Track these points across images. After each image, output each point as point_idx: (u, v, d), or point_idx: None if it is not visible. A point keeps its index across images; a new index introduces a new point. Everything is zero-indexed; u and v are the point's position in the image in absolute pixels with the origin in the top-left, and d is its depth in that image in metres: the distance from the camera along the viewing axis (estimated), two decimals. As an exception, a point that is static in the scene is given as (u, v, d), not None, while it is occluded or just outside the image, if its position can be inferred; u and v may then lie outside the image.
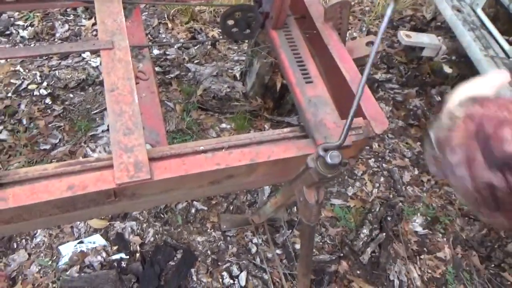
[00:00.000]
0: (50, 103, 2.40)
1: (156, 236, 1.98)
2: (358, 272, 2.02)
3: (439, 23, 3.18)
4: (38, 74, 2.54)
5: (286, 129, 1.15)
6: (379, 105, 1.23)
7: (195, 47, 2.87)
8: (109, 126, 1.06)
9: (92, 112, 2.40)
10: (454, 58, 2.58)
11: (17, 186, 0.94)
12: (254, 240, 2.03)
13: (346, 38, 1.52)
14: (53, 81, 2.52)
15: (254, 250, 2.00)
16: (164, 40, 2.90)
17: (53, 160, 2.14)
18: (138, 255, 1.90)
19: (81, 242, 1.90)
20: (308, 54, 1.34)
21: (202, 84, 2.58)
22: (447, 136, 0.57)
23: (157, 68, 2.65)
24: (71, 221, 1.78)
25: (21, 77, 2.52)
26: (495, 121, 0.51)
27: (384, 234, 2.11)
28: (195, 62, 2.76)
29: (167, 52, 2.80)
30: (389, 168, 2.45)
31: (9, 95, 2.41)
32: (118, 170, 0.96)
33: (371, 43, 1.40)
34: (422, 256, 2.13)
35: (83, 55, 2.70)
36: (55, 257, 1.87)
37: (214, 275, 1.90)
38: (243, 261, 1.96)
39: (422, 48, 2.39)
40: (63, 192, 0.93)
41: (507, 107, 0.52)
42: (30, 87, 2.47)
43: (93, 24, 2.89)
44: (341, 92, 1.28)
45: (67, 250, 1.87)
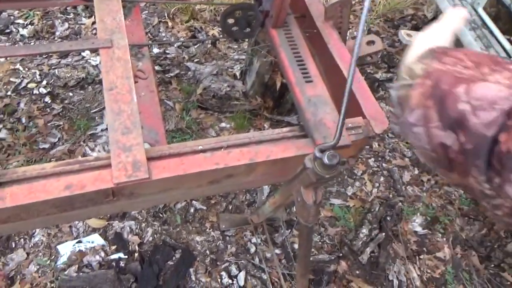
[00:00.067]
0: (49, 101, 2.40)
1: (155, 235, 1.98)
2: (357, 272, 2.02)
3: (440, 23, 3.17)
4: (38, 73, 2.54)
5: (285, 128, 1.14)
6: (379, 104, 1.22)
7: (195, 46, 2.86)
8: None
9: (92, 111, 2.39)
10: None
11: (15, 185, 0.93)
12: (253, 239, 2.03)
13: (347, 37, 1.51)
14: (52, 79, 2.51)
15: (253, 250, 2.00)
16: (164, 38, 2.89)
17: (52, 159, 2.13)
18: (136, 254, 1.90)
19: (79, 242, 1.90)
20: (308, 53, 1.33)
21: (202, 83, 2.58)
22: (406, 94, 0.55)
23: (157, 67, 2.65)
24: (70, 220, 1.78)
25: (20, 75, 2.51)
26: (450, 78, 0.49)
27: (384, 234, 2.11)
28: (195, 61, 2.75)
29: (167, 51, 2.79)
30: (389, 167, 2.44)
31: (8, 93, 2.40)
32: (116, 169, 0.95)
33: (372, 42, 1.39)
34: (422, 256, 2.12)
35: (83, 53, 2.69)
36: (53, 256, 1.86)
37: (212, 275, 1.90)
38: (242, 261, 1.96)
39: (423, 48, 2.38)
40: (60, 191, 0.93)
41: (463, 61, 0.50)
42: (29, 85, 2.47)
43: (93, 23, 2.88)
44: (341, 92, 1.27)
45: (66, 249, 1.87)
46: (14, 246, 1.88)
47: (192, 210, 2.09)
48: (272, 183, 2.12)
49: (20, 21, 2.85)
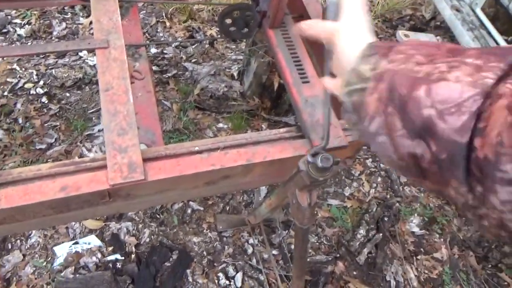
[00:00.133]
0: (46, 102, 2.39)
1: (152, 236, 1.97)
2: (355, 272, 2.01)
3: (438, 23, 3.18)
4: (35, 73, 2.52)
5: (282, 129, 1.14)
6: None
7: (193, 46, 2.85)
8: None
9: (89, 112, 2.39)
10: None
11: (10, 187, 0.92)
12: (250, 240, 2.02)
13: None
14: (49, 80, 2.50)
15: (250, 250, 2.00)
16: (162, 38, 2.88)
17: (49, 159, 2.13)
18: (133, 256, 1.89)
19: (76, 243, 1.89)
20: (305, 53, 1.33)
21: (199, 83, 2.57)
22: (362, 101, 0.49)
23: (154, 67, 2.64)
24: (66, 222, 1.77)
25: (17, 75, 2.50)
26: (406, 79, 0.43)
27: (381, 234, 2.11)
28: (193, 61, 2.75)
29: (165, 51, 2.79)
30: (386, 168, 2.44)
31: (5, 94, 2.39)
32: (112, 171, 0.94)
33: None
34: (419, 257, 2.12)
35: (80, 53, 2.68)
36: (50, 258, 1.85)
37: (210, 276, 1.89)
38: (239, 261, 1.95)
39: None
40: (56, 193, 0.92)
41: (414, 57, 0.45)
42: (26, 86, 2.45)
43: (90, 23, 2.87)
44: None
45: (62, 251, 1.86)
46: (10, 247, 1.87)
47: (189, 211, 2.08)
48: (269, 184, 2.11)
49: (18, 20, 2.83)
